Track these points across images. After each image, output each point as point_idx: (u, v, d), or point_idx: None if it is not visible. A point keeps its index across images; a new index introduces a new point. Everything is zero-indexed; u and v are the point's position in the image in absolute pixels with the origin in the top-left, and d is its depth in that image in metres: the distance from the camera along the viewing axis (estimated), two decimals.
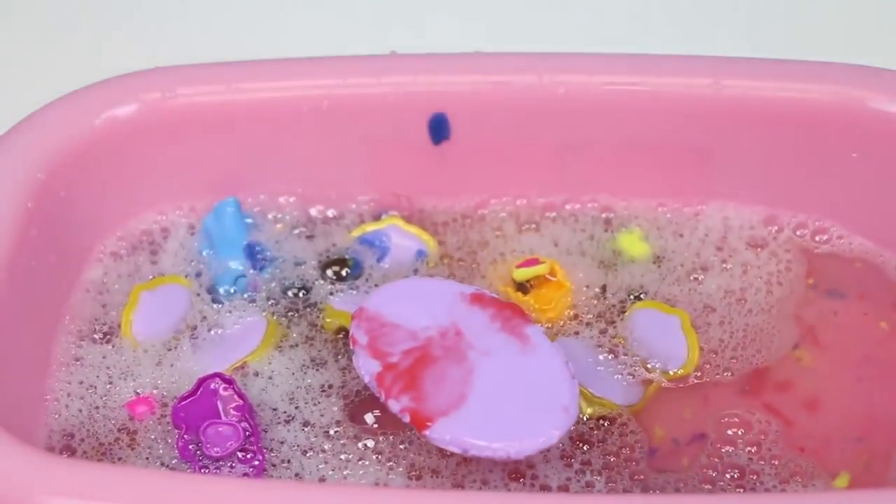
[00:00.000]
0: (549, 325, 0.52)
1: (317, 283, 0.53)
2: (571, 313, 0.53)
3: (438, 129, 0.55)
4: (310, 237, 0.55)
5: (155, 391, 0.50)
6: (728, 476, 0.48)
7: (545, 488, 0.47)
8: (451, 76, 0.55)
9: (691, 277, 0.54)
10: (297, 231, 0.55)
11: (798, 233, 0.55)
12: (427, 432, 0.46)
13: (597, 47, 0.55)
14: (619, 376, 0.50)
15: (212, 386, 0.49)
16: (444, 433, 0.46)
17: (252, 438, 0.48)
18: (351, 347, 0.49)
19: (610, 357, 0.51)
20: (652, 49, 0.55)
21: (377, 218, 0.56)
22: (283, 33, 0.69)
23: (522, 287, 0.53)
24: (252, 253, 0.54)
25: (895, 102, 0.53)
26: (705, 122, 0.54)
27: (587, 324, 0.52)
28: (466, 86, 0.55)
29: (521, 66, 0.55)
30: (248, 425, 0.48)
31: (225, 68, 0.55)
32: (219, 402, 0.49)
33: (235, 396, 0.49)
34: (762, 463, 0.48)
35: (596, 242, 0.55)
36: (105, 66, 0.55)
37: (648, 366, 0.51)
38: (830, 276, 0.54)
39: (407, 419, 0.46)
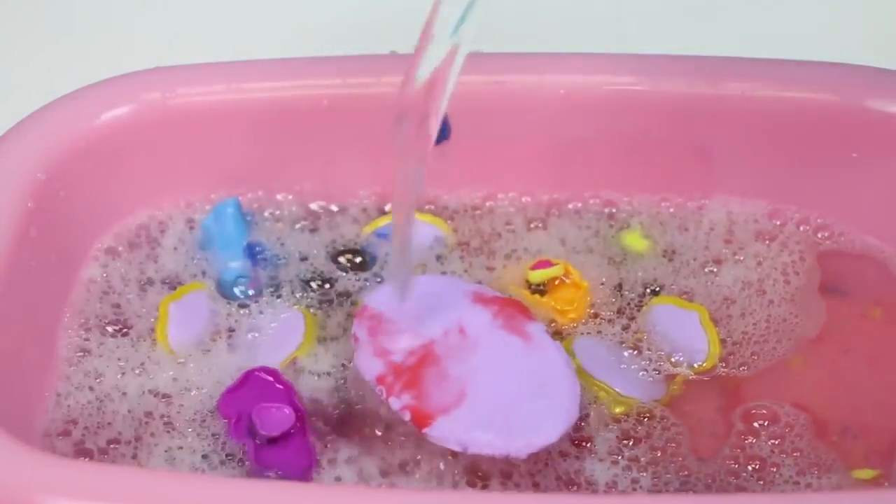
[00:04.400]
0: (574, 325, 0.52)
1: (338, 274, 0.53)
2: (591, 312, 0.52)
3: (438, 129, 0.55)
4: (313, 230, 0.55)
5: (195, 392, 0.50)
6: (750, 468, 0.48)
7: (591, 484, 0.47)
8: None
9: (706, 270, 0.54)
10: (298, 226, 0.55)
11: (801, 228, 0.55)
12: (427, 430, 0.46)
13: (597, 47, 0.55)
14: (644, 373, 0.50)
15: (256, 374, 0.49)
16: (444, 431, 0.46)
17: (301, 423, 0.48)
18: (352, 345, 0.49)
19: (634, 354, 0.51)
20: (652, 49, 0.55)
21: (382, 211, 0.55)
22: (283, 33, 0.69)
23: (537, 289, 0.53)
24: (252, 253, 0.54)
25: (895, 102, 0.53)
26: (705, 122, 0.54)
27: (609, 321, 0.52)
28: (466, 86, 0.54)
29: (521, 66, 0.55)
30: (295, 409, 0.48)
31: (225, 68, 0.55)
32: (265, 390, 0.49)
33: (279, 385, 0.49)
34: (783, 455, 0.48)
35: (602, 239, 0.55)
36: (105, 66, 0.55)
37: (672, 360, 0.51)
38: (834, 272, 0.54)
39: (407, 417, 0.46)
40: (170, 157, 0.55)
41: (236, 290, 0.53)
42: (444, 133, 0.55)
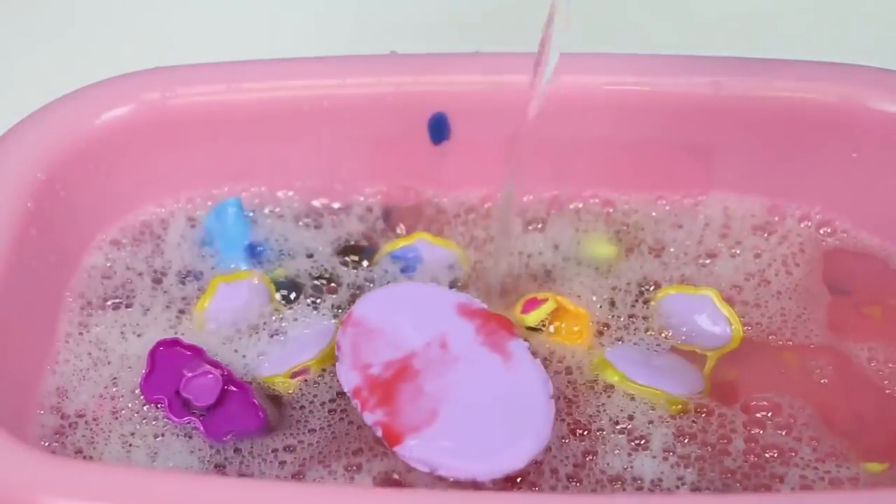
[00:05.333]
0: (619, 339, 0.52)
1: (342, 271, 0.54)
2: (612, 317, 0.52)
3: (438, 129, 0.55)
4: (317, 227, 0.55)
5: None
6: (768, 455, 0.48)
7: (637, 479, 0.47)
8: (451, 76, 0.55)
9: (698, 262, 0.54)
10: (301, 223, 0.55)
11: (803, 224, 0.55)
12: (397, 449, 0.46)
13: (597, 47, 0.55)
14: (679, 367, 0.50)
15: (160, 351, 0.50)
16: (413, 451, 0.46)
17: (231, 378, 0.49)
18: (336, 354, 0.49)
19: (664, 350, 0.51)
20: (653, 49, 0.55)
21: (386, 215, 0.55)
22: (283, 33, 0.69)
23: (535, 328, 0.52)
24: (253, 252, 0.54)
25: (895, 102, 0.53)
26: (705, 122, 0.54)
27: (635, 328, 0.52)
28: (466, 86, 0.55)
29: (521, 66, 0.55)
30: (216, 369, 0.49)
31: (225, 68, 0.55)
32: (179, 362, 0.49)
33: (186, 352, 0.49)
34: (800, 442, 0.48)
35: (591, 242, 0.55)
36: (105, 66, 0.55)
37: (697, 349, 0.51)
38: (834, 270, 0.54)
39: (379, 433, 0.47)
40: (170, 158, 0.55)
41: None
42: (443, 133, 0.55)
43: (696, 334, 0.51)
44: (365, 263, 0.54)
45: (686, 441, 0.48)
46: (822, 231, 0.55)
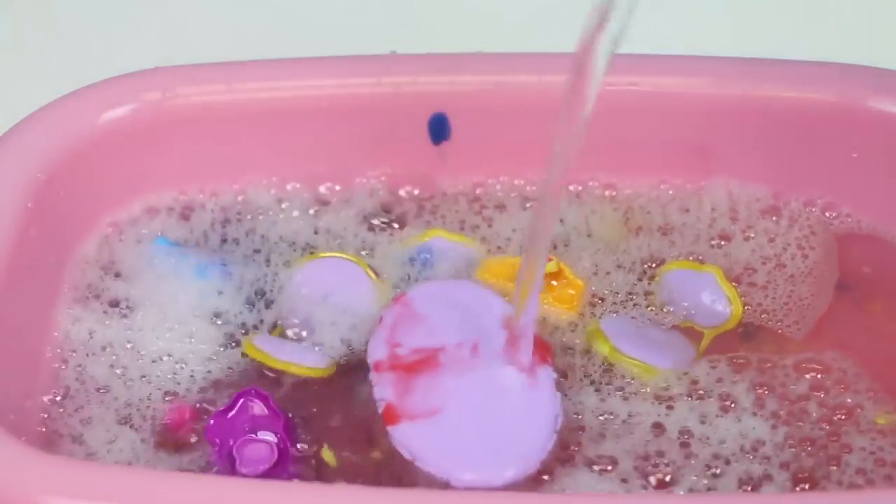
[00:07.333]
0: (613, 312, 0.52)
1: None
2: (614, 291, 0.52)
3: (438, 129, 0.55)
4: (321, 220, 0.55)
5: None
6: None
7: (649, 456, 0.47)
8: (451, 76, 0.55)
9: (711, 244, 0.54)
10: (303, 221, 0.55)
11: (807, 209, 0.55)
12: (390, 428, 0.46)
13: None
14: (674, 342, 0.50)
15: (246, 400, 0.48)
16: (402, 436, 0.46)
17: (283, 458, 0.47)
18: (377, 325, 0.49)
19: (660, 324, 0.51)
20: (652, 49, 0.55)
21: (394, 192, 0.55)
22: (283, 33, 0.69)
23: None
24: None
25: (895, 102, 0.53)
26: (705, 122, 0.54)
27: (634, 304, 0.52)
28: (466, 86, 0.55)
29: (521, 66, 0.55)
30: (280, 444, 0.47)
31: (225, 68, 0.55)
32: (255, 419, 0.48)
33: (269, 413, 0.48)
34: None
35: (599, 220, 0.55)
36: (105, 66, 0.55)
37: (696, 326, 0.51)
38: (840, 254, 0.54)
39: (381, 409, 0.47)
40: (169, 158, 0.55)
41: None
42: (443, 133, 0.55)
43: (695, 311, 0.52)
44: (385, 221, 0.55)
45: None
46: (826, 215, 0.55)
